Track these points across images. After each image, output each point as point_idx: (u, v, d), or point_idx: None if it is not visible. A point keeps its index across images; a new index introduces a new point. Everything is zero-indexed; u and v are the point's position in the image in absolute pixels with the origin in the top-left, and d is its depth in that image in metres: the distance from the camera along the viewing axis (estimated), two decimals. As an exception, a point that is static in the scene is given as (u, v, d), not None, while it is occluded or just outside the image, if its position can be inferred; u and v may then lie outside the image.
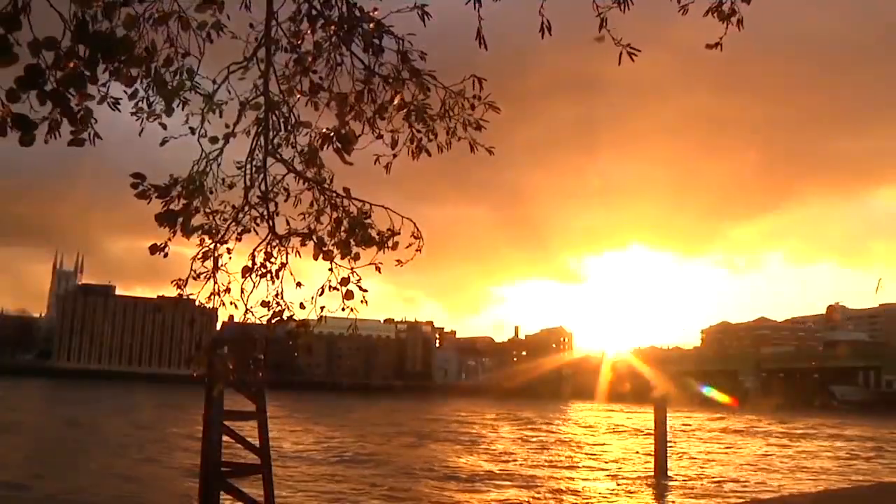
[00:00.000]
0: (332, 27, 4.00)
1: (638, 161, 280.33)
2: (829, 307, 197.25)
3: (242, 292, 4.26)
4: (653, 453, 30.32)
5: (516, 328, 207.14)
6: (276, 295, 4.30)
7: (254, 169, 4.23)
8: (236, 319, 4.51)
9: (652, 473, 29.32)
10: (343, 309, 4.21)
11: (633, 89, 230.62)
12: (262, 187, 4.26)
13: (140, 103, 3.79)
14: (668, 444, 31.47)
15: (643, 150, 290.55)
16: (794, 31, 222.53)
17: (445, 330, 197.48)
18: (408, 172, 4.45)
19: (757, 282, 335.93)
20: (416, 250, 4.21)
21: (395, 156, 4.29)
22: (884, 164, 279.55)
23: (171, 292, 4.36)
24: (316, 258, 4.18)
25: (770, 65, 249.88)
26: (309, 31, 4.05)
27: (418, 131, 4.21)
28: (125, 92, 3.55)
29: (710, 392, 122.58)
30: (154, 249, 4.08)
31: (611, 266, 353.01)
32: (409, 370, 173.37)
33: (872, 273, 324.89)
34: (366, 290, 4.18)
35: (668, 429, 31.69)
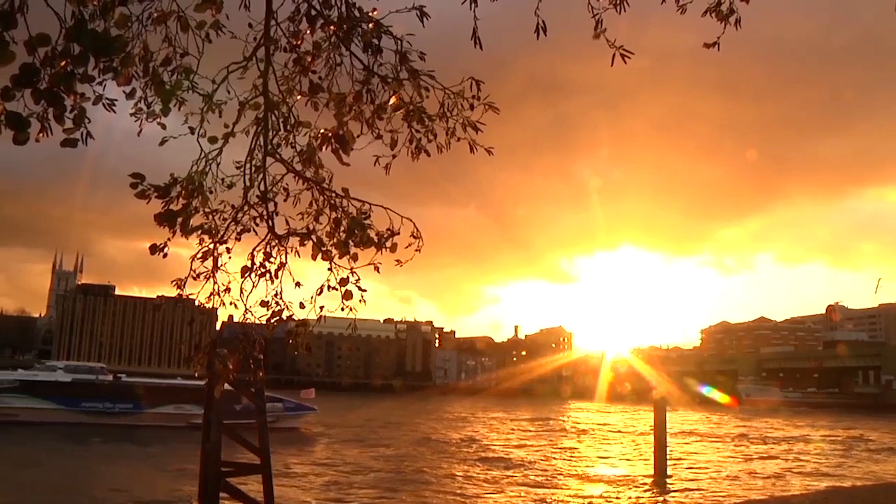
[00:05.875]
0: (332, 27, 3.99)
1: (626, 162, 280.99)
2: (829, 307, 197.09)
3: (242, 292, 4.26)
4: (652, 454, 30.30)
5: (516, 328, 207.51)
6: (276, 295, 4.31)
7: (253, 169, 4.23)
8: (236, 319, 4.51)
9: (651, 474, 29.31)
10: (342, 309, 4.21)
11: (624, 90, 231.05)
12: (262, 187, 4.25)
13: (139, 103, 3.79)
14: (668, 445, 31.44)
15: (630, 151, 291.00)
16: (780, 33, 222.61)
17: (444, 330, 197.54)
18: (399, 172, 4.42)
19: (751, 282, 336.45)
20: (416, 250, 4.16)
21: (394, 156, 4.25)
22: (869, 164, 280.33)
23: (169, 293, 4.36)
24: (315, 258, 4.17)
25: (757, 66, 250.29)
26: (308, 31, 4.05)
27: (417, 132, 4.18)
28: (124, 92, 3.54)
29: (710, 392, 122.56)
30: (154, 249, 4.09)
31: (603, 266, 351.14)
32: (408, 370, 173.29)
33: (862, 273, 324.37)
34: (364, 290, 4.17)
35: (667, 429, 31.66)
